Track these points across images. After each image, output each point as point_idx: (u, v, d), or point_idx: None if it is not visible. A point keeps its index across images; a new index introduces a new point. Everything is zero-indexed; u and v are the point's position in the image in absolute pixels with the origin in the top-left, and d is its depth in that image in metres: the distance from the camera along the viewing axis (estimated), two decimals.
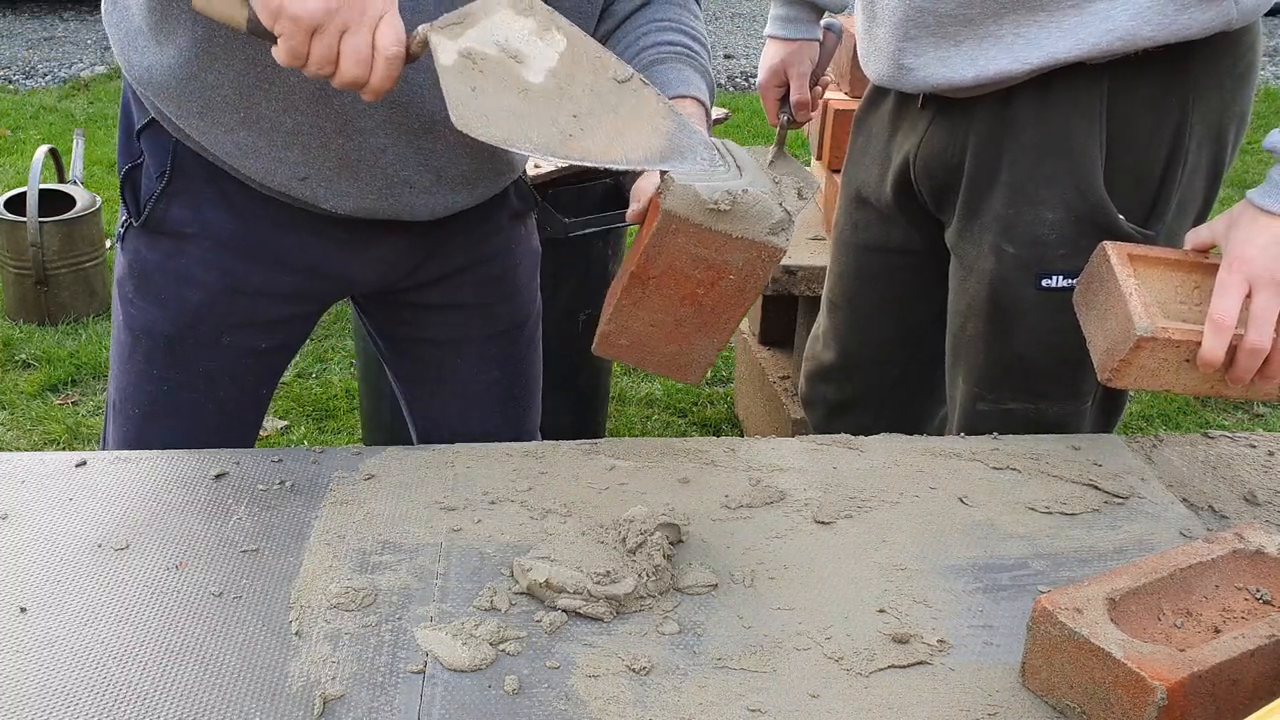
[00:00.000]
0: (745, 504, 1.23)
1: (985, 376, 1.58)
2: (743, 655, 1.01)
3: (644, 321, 1.21)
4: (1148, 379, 1.29)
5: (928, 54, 1.48)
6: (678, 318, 1.20)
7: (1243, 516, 1.25)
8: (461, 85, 1.11)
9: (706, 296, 1.17)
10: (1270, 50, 8.59)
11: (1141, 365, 1.27)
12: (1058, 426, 1.55)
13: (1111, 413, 1.63)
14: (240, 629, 1.02)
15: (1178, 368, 1.28)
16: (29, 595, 1.06)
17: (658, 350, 1.24)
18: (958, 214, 1.56)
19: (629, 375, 3.54)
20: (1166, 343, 1.26)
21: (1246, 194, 1.29)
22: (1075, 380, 1.54)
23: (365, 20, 1.07)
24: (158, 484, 1.24)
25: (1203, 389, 1.30)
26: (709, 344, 1.23)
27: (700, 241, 1.13)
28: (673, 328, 1.21)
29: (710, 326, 1.21)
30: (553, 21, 1.12)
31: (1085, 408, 1.57)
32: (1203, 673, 0.88)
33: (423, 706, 0.94)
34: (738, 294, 1.17)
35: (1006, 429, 1.51)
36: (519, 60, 1.12)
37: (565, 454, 1.33)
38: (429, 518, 1.19)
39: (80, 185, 4.00)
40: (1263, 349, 1.25)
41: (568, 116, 1.13)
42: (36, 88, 6.84)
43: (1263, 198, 1.28)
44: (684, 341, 1.23)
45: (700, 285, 1.17)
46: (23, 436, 3.10)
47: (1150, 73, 1.40)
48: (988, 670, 1.00)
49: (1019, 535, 1.20)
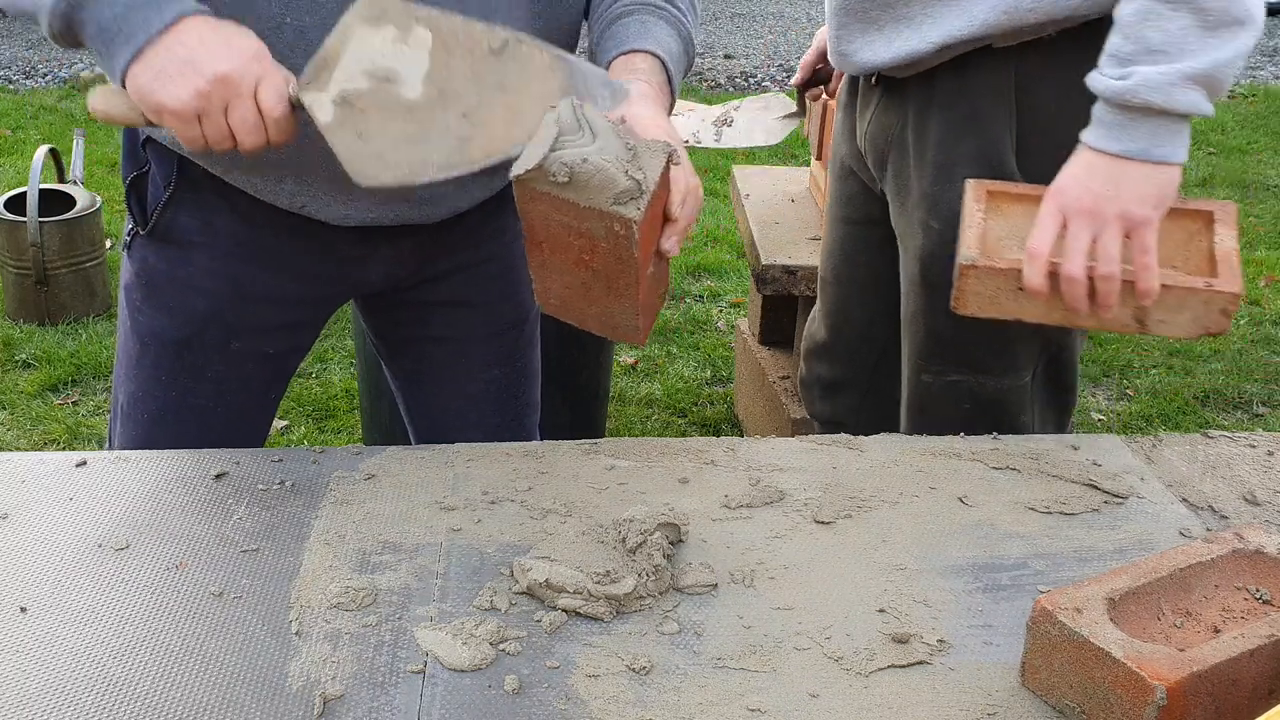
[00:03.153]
0: (745, 504, 1.23)
1: (926, 350, 1.63)
2: (743, 655, 1.01)
3: (558, 284, 1.19)
4: (991, 306, 1.37)
5: (858, 38, 1.57)
6: (582, 280, 1.17)
7: (1243, 516, 1.25)
8: (347, 137, 1.09)
9: (594, 262, 1.14)
10: (1270, 50, 8.58)
11: (977, 292, 1.36)
12: (999, 400, 1.61)
13: (1061, 390, 1.66)
14: (240, 628, 1.02)
15: (1015, 296, 1.35)
16: (29, 595, 1.06)
17: (584, 311, 1.21)
18: (893, 192, 1.63)
19: (629, 375, 3.53)
20: (991, 270, 1.34)
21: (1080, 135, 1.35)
22: (1008, 353, 1.59)
23: (243, 91, 1.09)
24: (158, 484, 1.24)
25: (1053, 318, 1.36)
26: (623, 308, 1.18)
27: (559, 209, 1.10)
28: (583, 291, 1.18)
29: (613, 292, 1.17)
30: (409, 16, 1.08)
31: (1026, 382, 1.61)
32: (1202, 672, 0.88)
33: (423, 706, 0.94)
34: (618, 262, 1.12)
35: (950, 403, 1.59)
36: (393, 80, 1.09)
37: (565, 454, 1.33)
38: (429, 518, 1.19)
39: (80, 185, 4.00)
40: (1075, 277, 1.31)
41: (458, 119, 1.10)
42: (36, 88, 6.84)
43: (1084, 134, 1.34)
44: (600, 304, 1.19)
45: (584, 251, 1.13)
46: (23, 436, 3.10)
47: (1059, 55, 1.45)
48: (987, 670, 1.00)
49: (1019, 535, 1.20)
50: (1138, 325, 1.35)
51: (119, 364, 1.51)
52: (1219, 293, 1.30)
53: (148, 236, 1.42)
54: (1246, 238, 4.76)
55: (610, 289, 1.16)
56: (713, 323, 3.93)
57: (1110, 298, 1.32)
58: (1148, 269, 1.31)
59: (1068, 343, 1.62)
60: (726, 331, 3.86)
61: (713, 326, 3.91)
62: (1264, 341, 3.87)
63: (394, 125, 1.09)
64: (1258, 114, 6.73)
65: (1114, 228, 1.30)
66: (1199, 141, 6.10)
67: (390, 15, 1.08)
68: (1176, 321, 1.33)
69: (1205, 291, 1.31)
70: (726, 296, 4.13)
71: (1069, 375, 1.65)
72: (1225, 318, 1.31)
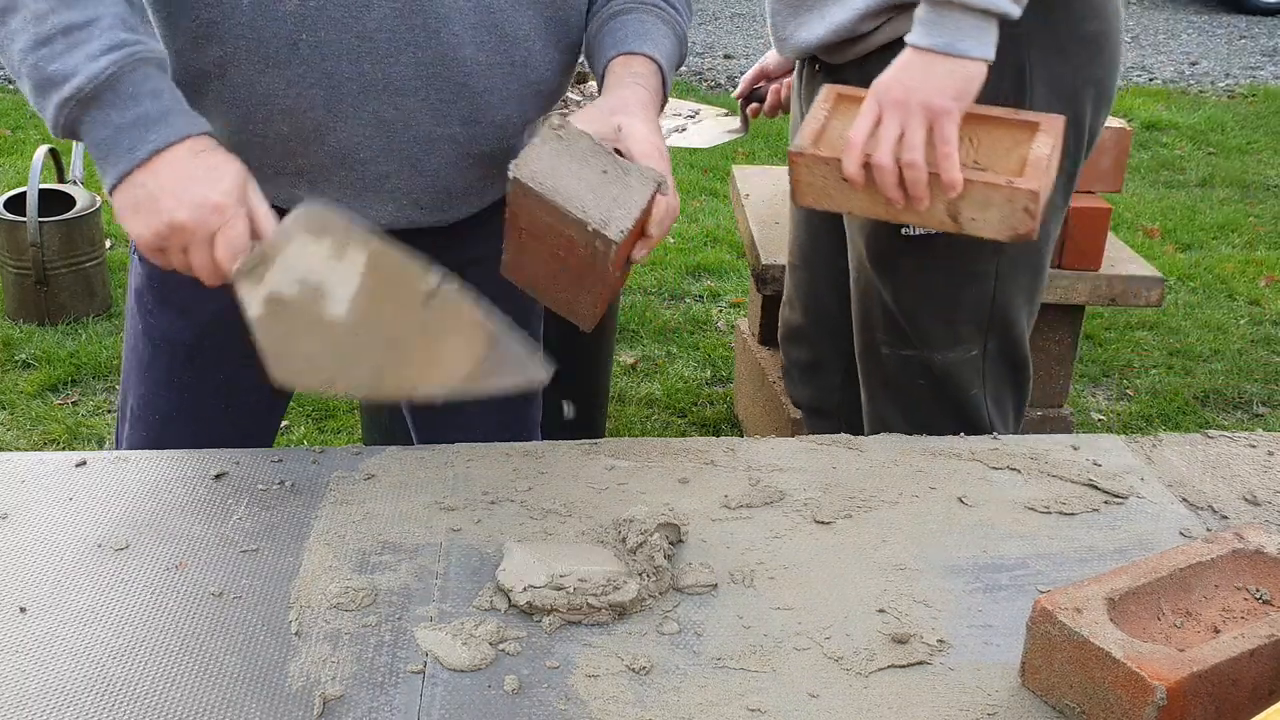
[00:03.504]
0: (745, 504, 1.23)
1: (874, 325, 1.69)
2: (743, 655, 1.01)
3: (530, 265, 1.25)
4: (824, 198, 1.46)
5: (792, 21, 1.64)
6: (553, 271, 1.23)
7: (1243, 516, 1.25)
8: (272, 334, 1.13)
9: (569, 259, 1.20)
10: (1270, 50, 8.59)
11: (809, 183, 1.45)
12: (950, 373, 1.66)
13: (1014, 367, 1.71)
14: (240, 629, 1.02)
15: (841, 187, 1.43)
16: (29, 595, 1.06)
17: (549, 292, 1.28)
18: None
19: (629, 375, 3.53)
20: (816, 159, 1.43)
21: None
22: (952, 325, 1.64)
23: (198, 240, 1.12)
24: (158, 484, 1.24)
25: (877, 211, 1.44)
26: (588, 300, 1.25)
27: (547, 210, 1.16)
28: (552, 278, 1.25)
29: (581, 286, 1.23)
30: (349, 236, 1.12)
31: (975, 355, 1.66)
32: (1202, 672, 0.88)
33: (423, 706, 0.94)
34: (591, 268, 1.19)
35: (902, 377, 1.66)
36: (321, 294, 1.12)
37: (565, 454, 1.33)
38: (429, 518, 1.19)
39: (80, 185, 4.00)
40: (883, 165, 1.38)
41: (379, 348, 1.14)
42: None
43: (907, 35, 1.41)
44: (566, 292, 1.25)
45: (560, 249, 1.19)
46: (23, 436, 3.10)
47: None
48: (987, 670, 1.00)
49: (1018, 535, 1.20)
50: (953, 223, 1.41)
51: (128, 368, 1.50)
52: (1019, 190, 1.35)
53: None
54: (1246, 237, 4.76)
55: (578, 283, 1.23)
56: (713, 323, 3.93)
57: (918, 187, 1.38)
58: (948, 158, 1.37)
59: (1013, 319, 1.67)
60: (726, 331, 3.86)
61: (713, 326, 3.91)
62: (1264, 341, 3.87)
63: (316, 336, 1.13)
64: (1258, 114, 6.73)
65: (918, 118, 1.37)
66: (1199, 141, 6.10)
67: (331, 230, 1.12)
68: (986, 220, 1.39)
69: (1007, 188, 1.36)
70: (726, 296, 4.13)
71: (1019, 352, 1.70)
72: (1030, 217, 1.37)
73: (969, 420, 1.69)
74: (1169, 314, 4.01)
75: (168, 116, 1.12)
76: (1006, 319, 1.65)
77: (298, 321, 1.13)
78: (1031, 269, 1.66)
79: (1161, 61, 8.17)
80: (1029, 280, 1.66)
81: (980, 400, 1.69)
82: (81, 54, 1.09)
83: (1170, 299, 4.11)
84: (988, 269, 1.61)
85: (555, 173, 1.16)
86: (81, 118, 1.12)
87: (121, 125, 1.11)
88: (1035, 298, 1.70)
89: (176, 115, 1.13)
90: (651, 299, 4.08)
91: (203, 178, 1.11)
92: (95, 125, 1.12)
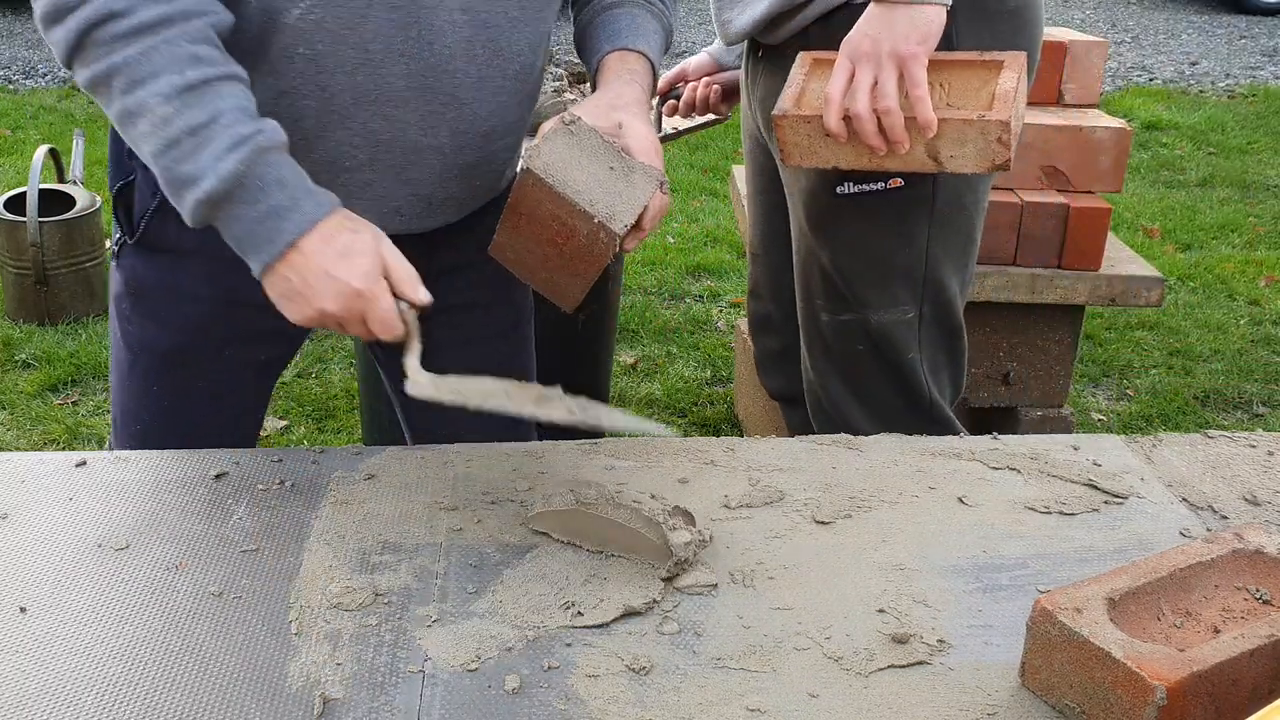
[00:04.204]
0: (745, 504, 1.23)
1: (814, 290, 1.75)
2: (742, 655, 1.01)
3: (522, 246, 1.31)
4: (811, 156, 1.53)
5: (732, 7, 1.70)
6: (544, 254, 1.29)
7: (1242, 516, 1.25)
8: None
9: (565, 246, 1.26)
10: (1270, 50, 8.59)
11: (795, 143, 1.52)
12: (887, 335, 1.71)
13: (948, 334, 1.76)
14: (240, 629, 1.02)
15: (826, 142, 1.50)
16: (29, 595, 1.06)
17: (536, 273, 1.33)
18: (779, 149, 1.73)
19: (629, 375, 3.54)
20: (799, 118, 1.50)
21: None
22: (886, 285, 1.70)
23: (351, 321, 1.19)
24: (158, 484, 1.24)
25: (862, 161, 1.50)
26: (574, 284, 1.32)
27: (552, 200, 1.23)
28: (542, 260, 1.30)
29: (571, 271, 1.30)
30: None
31: (911, 318, 1.72)
32: (1202, 672, 0.88)
33: (423, 706, 0.94)
34: (587, 255, 1.26)
35: (842, 342, 1.72)
36: None
37: (565, 454, 1.33)
38: (429, 518, 1.19)
39: (80, 185, 4.00)
40: (861, 114, 1.44)
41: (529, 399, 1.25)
42: (37, 87, 6.84)
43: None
44: (554, 274, 1.32)
45: (558, 235, 1.26)
46: (23, 436, 3.10)
47: None
48: (987, 670, 1.00)
49: (1018, 535, 1.20)
50: (935, 163, 1.47)
51: (112, 377, 1.51)
52: (990, 121, 1.42)
53: (136, 246, 1.41)
54: (1246, 237, 4.76)
55: (568, 268, 1.30)
56: (713, 323, 3.94)
57: (897, 132, 1.44)
58: (920, 100, 1.43)
59: (945, 282, 1.71)
60: (726, 331, 3.86)
61: (713, 326, 3.91)
62: (1264, 341, 3.87)
63: None
64: (1258, 114, 6.73)
65: (889, 66, 1.43)
66: (1199, 141, 6.10)
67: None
68: (965, 155, 1.46)
69: (979, 122, 1.43)
70: (726, 296, 4.13)
71: (953, 318, 1.76)
72: (1003, 146, 1.43)
73: (907, 385, 1.75)
74: (1169, 314, 4.01)
75: (298, 204, 1.16)
76: (939, 280, 1.71)
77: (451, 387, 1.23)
78: (962, 235, 1.71)
79: (1161, 61, 8.17)
80: (960, 245, 1.72)
81: (917, 364, 1.74)
82: (208, 154, 1.13)
83: (1170, 299, 4.11)
84: (919, 229, 1.67)
85: (566, 166, 1.22)
86: (216, 215, 1.16)
87: (255, 219, 1.15)
88: (968, 265, 1.75)
89: (304, 200, 1.16)
90: (651, 299, 4.08)
91: (340, 265, 1.16)
92: (231, 222, 1.16)
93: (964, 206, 1.68)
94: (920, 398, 1.75)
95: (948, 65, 1.51)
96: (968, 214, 1.70)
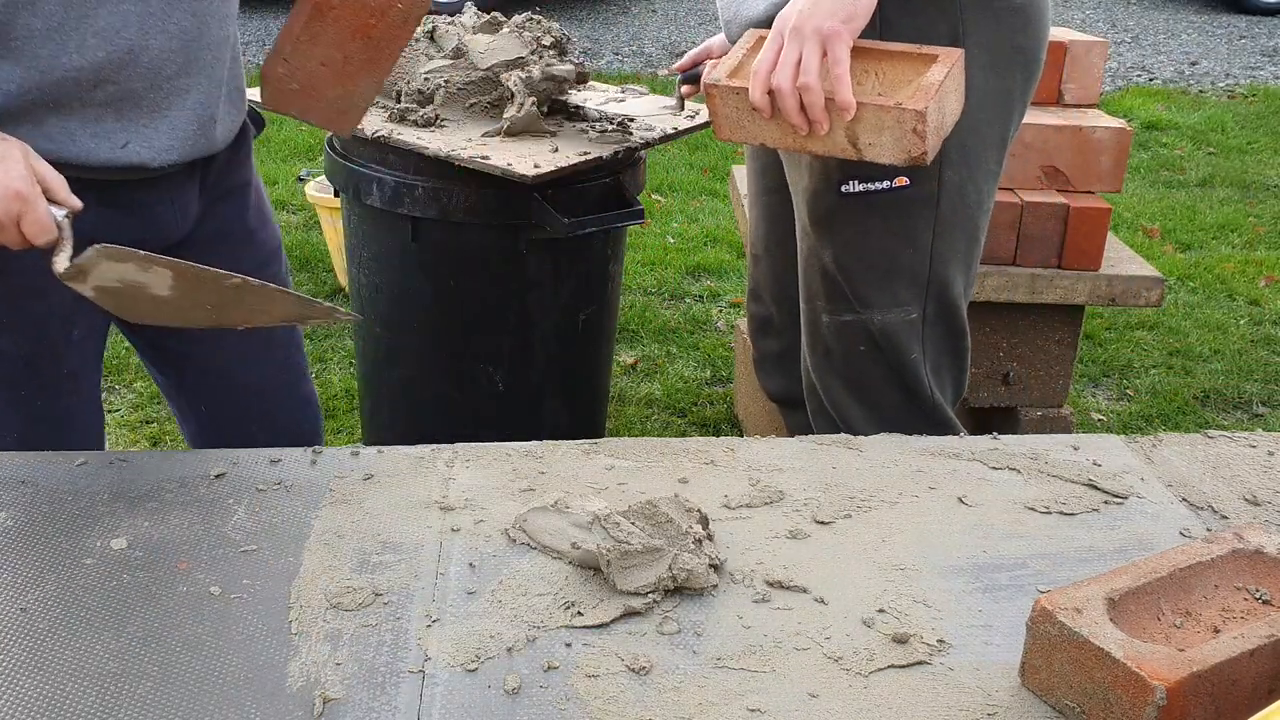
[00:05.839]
0: (745, 504, 1.23)
1: (817, 291, 1.74)
2: (742, 655, 1.01)
3: (317, 60, 1.32)
4: (739, 130, 1.53)
5: (735, 6, 1.69)
6: (347, 54, 1.31)
7: (1242, 516, 1.25)
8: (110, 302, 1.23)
9: (377, 27, 1.28)
10: (1270, 50, 8.59)
11: (725, 115, 1.53)
12: (890, 335, 1.70)
13: (953, 335, 1.75)
14: (240, 629, 1.02)
15: (752, 117, 1.50)
16: (29, 595, 1.06)
17: (324, 95, 1.35)
18: None
19: (629, 375, 3.54)
20: (727, 90, 1.50)
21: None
22: (889, 285, 1.69)
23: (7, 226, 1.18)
24: (158, 484, 1.24)
25: (785, 141, 1.51)
26: (370, 84, 1.35)
27: None
28: (341, 65, 1.32)
29: (374, 63, 1.33)
30: (150, 260, 1.19)
31: (913, 319, 1.71)
32: (1202, 672, 0.88)
33: (423, 706, 0.94)
34: (402, 24, 1.30)
35: (848, 342, 1.70)
36: (143, 285, 1.22)
37: (565, 454, 1.33)
38: (429, 518, 1.19)
39: None
40: (784, 89, 1.44)
41: (206, 309, 1.26)
42: None
43: None
44: (349, 82, 1.34)
45: (373, 14, 1.29)
46: None
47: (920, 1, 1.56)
48: (987, 670, 1.00)
49: (1018, 535, 1.20)
50: (854, 149, 1.47)
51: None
52: (906, 110, 1.41)
53: None
54: (1246, 237, 4.76)
55: (371, 60, 1.32)
56: (712, 323, 3.93)
57: (816, 111, 1.44)
58: (840, 80, 1.42)
59: (949, 281, 1.70)
60: (726, 331, 3.86)
61: (712, 326, 3.91)
62: (1264, 341, 3.87)
63: (150, 302, 1.24)
64: (1258, 114, 6.73)
65: (812, 42, 1.43)
66: (1199, 141, 6.10)
67: (132, 256, 1.20)
68: (882, 144, 1.45)
69: (895, 110, 1.42)
70: (726, 296, 4.13)
71: (957, 319, 1.75)
72: (919, 138, 1.42)
73: (909, 387, 1.74)
74: (1169, 314, 4.01)
75: None
76: (943, 280, 1.70)
77: (130, 297, 1.22)
78: (967, 234, 1.70)
79: (1161, 61, 8.17)
80: (965, 244, 1.71)
81: (920, 365, 1.73)
82: None
83: (1170, 299, 4.11)
84: (924, 228, 1.66)
85: None
86: None
87: None
88: (972, 265, 1.74)
89: None
90: (651, 299, 4.08)
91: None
92: None
93: (969, 205, 1.67)
94: (922, 399, 1.75)
95: (884, 55, 1.50)
96: (972, 213, 1.69)
